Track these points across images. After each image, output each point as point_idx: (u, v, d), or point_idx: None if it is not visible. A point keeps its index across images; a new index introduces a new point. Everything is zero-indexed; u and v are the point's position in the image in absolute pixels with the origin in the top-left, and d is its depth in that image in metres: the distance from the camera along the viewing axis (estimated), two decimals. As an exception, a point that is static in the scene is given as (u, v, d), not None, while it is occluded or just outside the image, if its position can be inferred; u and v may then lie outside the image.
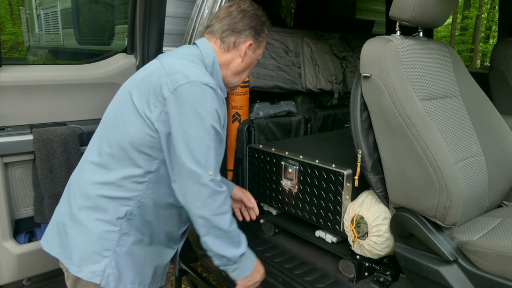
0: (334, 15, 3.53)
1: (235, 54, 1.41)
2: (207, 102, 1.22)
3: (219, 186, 1.27)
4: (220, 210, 1.27)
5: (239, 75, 1.47)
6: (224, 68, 1.42)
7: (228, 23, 1.38)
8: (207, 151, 1.23)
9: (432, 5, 1.44)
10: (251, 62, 1.47)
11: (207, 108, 1.22)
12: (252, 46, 1.42)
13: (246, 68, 1.46)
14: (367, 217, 1.55)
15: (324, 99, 2.72)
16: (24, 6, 5.48)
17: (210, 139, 1.23)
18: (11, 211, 1.77)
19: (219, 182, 1.27)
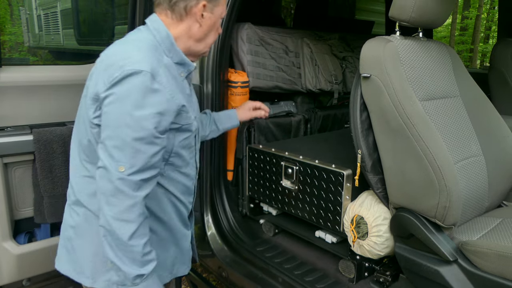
0: (334, 15, 3.53)
1: (190, 20, 1.29)
2: (139, 98, 1.12)
3: (132, 189, 1.13)
4: (122, 216, 1.13)
5: (203, 41, 1.35)
6: (184, 38, 1.31)
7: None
8: (126, 147, 1.12)
9: (431, 6, 1.44)
10: (213, 24, 1.34)
11: (140, 106, 1.12)
12: (207, 7, 1.28)
13: (209, 31, 1.34)
14: (367, 217, 1.55)
15: (324, 99, 2.72)
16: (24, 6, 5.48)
17: (136, 136, 1.12)
18: (11, 211, 1.77)
19: (135, 184, 1.14)
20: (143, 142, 1.13)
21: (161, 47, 1.26)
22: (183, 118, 1.28)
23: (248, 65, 2.18)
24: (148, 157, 1.15)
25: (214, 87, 1.99)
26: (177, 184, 1.40)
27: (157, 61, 1.19)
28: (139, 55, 1.16)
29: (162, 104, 1.16)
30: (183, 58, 1.31)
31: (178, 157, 1.34)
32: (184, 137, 1.32)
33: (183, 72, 1.33)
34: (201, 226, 2.10)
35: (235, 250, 2.01)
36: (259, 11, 3.14)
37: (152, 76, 1.13)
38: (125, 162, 1.12)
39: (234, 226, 2.11)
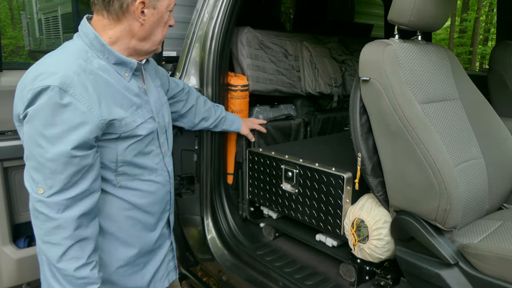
0: (333, 19, 3.54)
1: (130, 20, 1.19)
2: (48, 116, 1.06)
3: (54, 211, 1.08)
4: (46, 238, 1.10)
5: (149, 39, 1.26)
6: (126, 39, 1.22)
7: None
8: (41, 168, 1.08)
9: (430, 9, 1.45)
10: (157, 20, 1.24)
11: (51, 125, 1.07)
12: (147, 3, 1.19)
13: (154, 28, 1.25)
14: (368, 221, 1.55)
15: (323, 102, 2.72)
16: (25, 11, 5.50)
17: (49, 157, 1.07)
18: (11, 215, 1.77)
19: (57, 205, 1.08)
20: (59, 163, 1.07)
21: (92, 50, 1.19)
22: (117, 127, 1.19)
23: (248, 69, 2.19)
24: (68, 177, 1.09)
25: (214, 91, 1.99)
26: (141, 194, 1.32)
27: (79, 69, 1.12)
28: (52, 68, 1.10)
29: (75, 118, 1.08)
30: (119, 58, 1.22)
31: (131, 165, 1.27)
32: (129, 144, 1.24)
33: (126, 72, 1.25)
34: (201, 229, 2.10)
35: (235, 254, 2.00)
36: (259, 15, 3.16)
37: (62, 90, 1.06)
38: (43, 184, 1.08)
39: (234, 230, 2.11)
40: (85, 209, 1.14)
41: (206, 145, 2.01)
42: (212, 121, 1.90)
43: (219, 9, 1.96)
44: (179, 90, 1.76)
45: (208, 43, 1.96)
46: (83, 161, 1.11)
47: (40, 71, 1.10)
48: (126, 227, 1.32)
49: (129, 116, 1.23)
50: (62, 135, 1.08)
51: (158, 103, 1.39)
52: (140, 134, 1.26)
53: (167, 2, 1.25)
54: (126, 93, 1.24)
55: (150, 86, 1.37)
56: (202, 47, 1.98)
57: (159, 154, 1.37)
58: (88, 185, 1.14)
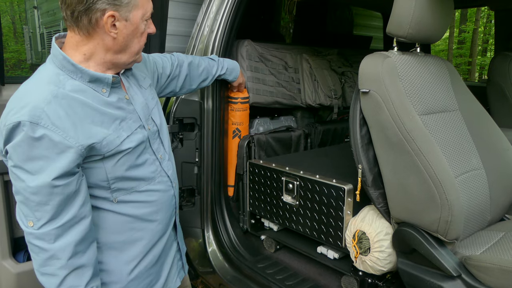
0: (333, 31, 3.58)
1: (101, 34, 1.14)
2: (25, 151, 1.05)
3: (46, 241, 1.08)
4: (42, 270, 1.11)
5: (126, 51, 1.21)
6: (101, 53, 1.17)
7: (71, 1, 1.10)
8: (27, 202, 1.08)
9: (428, 22, 1.46)
10: (132, 32, 1.18)
11: (28, 159, 1.05)
12: (118, 16, 1.13)
13: (129, 40, 1.19)
14: (369, 233, 1.54)
15: (323, 114, 2.73)
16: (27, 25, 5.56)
17: (31, 191, 1.06)
18: (11, 229, 1.76)
19: (48, 235, 1.08)
20: (42, 194, 1.06)
21: (64, 72, 1.14)
22: (99, 148, 1.15)
23: (248, 81, 2.20)
24: (55, 207, 1.08)
25: (214, 103, 2.01)
26: (141, 205, 1.30)
27: (50, 95, 1.08)
28: (22, 101, 1.07)
29: (52, 149, 1.06)
30: (93, 75, 1.16)
31: (125, 180, 1.24)
32: (117, 160, 1.20)
33: (104, 88, 1.19)
34: (202, 242, 2.09)
35: (236, 267, 1.99)
36: (259, 28, 3.19)
37: (33, 124, 1.03)
38: (32, 217, 1.08)
39: (235, 242, 2.10)
40: (77, 236, 1.12)
41: (206, 158, 2.02)
42: (210, 80, 1.89)
43: (220, 23, 1.98)
44: (169, 70, 1.68)
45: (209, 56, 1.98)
46: (66, 189, 1.09)
47: (12, 106, 1.08)
48: (132, 239, 1.30)
49: (112, 133, 1.18)
50: (41, 167, 1.06)
51: (146, 109, 1.33)
52: (128, 148, 1.22)
53: (141, 12, 1.18)
54: (106, 109, 1.19)
55: (135, 93, 1.32)
56: (203, 60, 1.99)
57: (154, 161, 1.33)
58: (76, 211, 1.12)
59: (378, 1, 3.06)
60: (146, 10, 1.20)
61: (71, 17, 1.12)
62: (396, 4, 1.45)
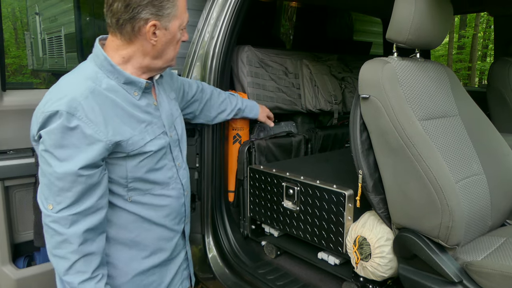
0: (333, 37, 3.59)
1: (142, 41, 1.23)
2: (58, 138, 1.12)
3: (61, 225, 1.14)
4: (54, 251, 1.17)
5: (162, 58, 1.29)
6: (139, 58, 1.26)
7: (118, 10, 1.18)
8: (51, 186, 1.15)
9: (427, 28, 1.47)
10: (169, 40, 1.27)
11: (60, 146, 1.13)
12: (158, 25, 1.21)
13: (166, 48, 1.28)
14: (370, 238, 1.54)
15: (324, 119, 2.73)
16: (29, 31, 5.59)
17: (57, 176, 1.13)
18: (11, 235, 1.76)
19: (65, 220, 1.14)
20: (67, 181, 1.13)
21: (102, 71, 1.23)
22: (124, 146, 1.22)
23: (248, 87, 2.21)
24: (75, 194, 1.15)
25: (214, 109, 2.01)
26: (152, 208, 1.35)
27: (87, 91, 1.16)
28: (62, 92, 1.16)
29: (82, 140, 1.14)
30: (128, 78, 1.25)
31: (142, 181, 1.30)
32: (139, 161, 1.27)
33: (136, 91, 1.28)
34: (202, 248, 2.08)
35: (237, 273, 1.98)
36: (259, 33, 3.20)
37: (69, 114, 1.11)
38: (52, 200, 1.15)
39: (236, 248, 2.09)
40: (91, 224, 1.18)
41: (207, 163, 2.02)
42: (228, 112, 1.94)
43: (220, 29, 1.99)
44: (193, 92, 1.79)
45: (209, 61, 1.99)
46: (90, 179, 1.16)
47: (51, 96, 1.16)
48: (139, 239, 1.35)
49: (137, 134, 1.25)
50: (70, 156, 1.13)
51: (170, 117, 1.41)
52: (150, 150, 1.29)
53: (179, 22, 1.26)
54: (135, 112, 1.27)
55: (163, 101, 1.40)
56: (203, 65, 2.01)
57: (172, 167, 1.40)
58: (94, 201, 1.18)
59: (377, 7, 3.07)
60: (183, 20, 1.29)
61: (116, 24, 1.21)
62: (396, 10, 1.46)
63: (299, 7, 3.45)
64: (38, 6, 4.99)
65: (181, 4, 1.26)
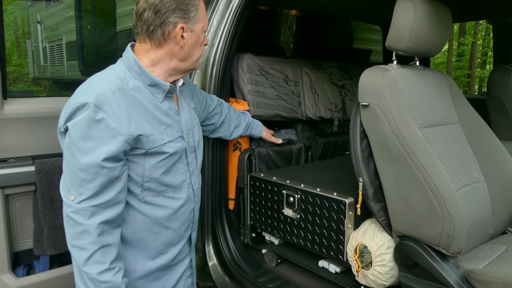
0: (333, 45, 3.61)
1: (171, 44, 1.31)
2: (84, 130, 1.17)
3: (82, 216, 1.18)
4: (74, 242, 1.20)
5: (189, 59, 1.37)
6: (167, 60, 1.34)
7: (148, 17, 1.27)
8: (74, 177, 1.19)
9: (427, 36, 1.48)
10: (195, 42, 1.35)
11: (85, 138, 1.18)
12: (185, 28, 1.30)
13: (193, 49, 1.36)
14: (371, 246, 1.53)
15: (324, 126, 2.74)
16: (30, 39, 5.62)
17: (81, 167, 1.17)
18: (11, 243, 1.76)
19: (85, 210, 1.18)
20: (90, 172, 1.17)
21: (130, 72, 1.30)
22: (145, 142, 1.28)
23: (248, 94, 2.21)
24: (97, 186, 1.19)
25: (215, 116, 2.01)
26: (163, 210, 1.39)
27: (115, 87, 1.23)
28: (91, 86, 1.23)
29: (106, 133, 1.19)
30: (154, 80, 1.32)
31: (158, 182, 1.35)
32: (158, 161, 1.32)
33: (159, 94, 1.35)
34: (203, 256, 2.07)
35: (237, 281, 1.97)
36: (259, 41, 3.21)
37: (96, 107, 1.18)
38: (75, 191, 1.19)
39: (236, 256, 2.09)
40: (109, 217, 1.22)
41: (207, 170, 2.01)
42: (243, 127, 2.01)
43: (220, 37, 2.00)
44: (214, 105, 1.85)
45: (210, 69, 2.00)
46: (111, 172, 1.20)
47: (81, 90, 1.24)
48: (146, 240, 1.38)
49: (156, 133, 1.31)
50: (94, 147, 1.18)
51: (189, 124, 1.47)
52: (167, 152, 1.34)
53: (202, 24, 1.35)
54: (156, 113, 1.33)
55: (183, 107, 1.47)
56: (204, 73, 2.01)
57: (186, 172, 1.44)
58: (114, 194, 1.22)
59: (377, 15, 3.09)
60: (205, 23, 1.38)
61: (146, 31, 1.29)
62: (395, 18, 1.47)
63: (299, 15, 3.47)
64: (40, 15, 5.02)
65: (202, 8, 1.35)
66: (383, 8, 2.09)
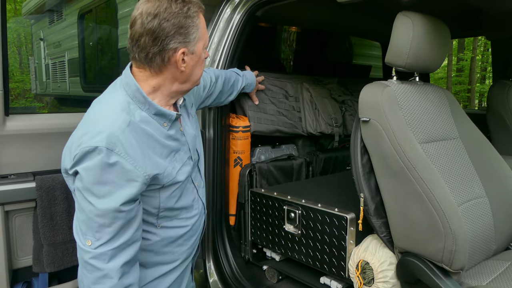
0: (333, 60, 3.64)
1: (171, 69, 1.23)
2: (97, 175, 1.11)
3: (101, 261, 1.13)
4: (94, 287, 1.14)
5: (190, 80, 1.29)
6: (168, 85, 1.26)
7: (146, 44, 1.17)
8: (90, 222, 1.13)
9: (426, 52, 1.49)
10: (196, 62, 1.27)
11: (100, 183, 1.11)
12: (186, 52, 1.21)
13: (193, 70, 1.27)
14: (373, 263, 1.52)
15: (325, 142, 2.74)
16: (33, 56, 5.69)
17: (98, 213, 1.12)
18: (10, 260, 1.74)
19: (104, 255, 1.13)
20: (107, 217, 1.12)
21: (134, 102, 1.22)
22: (161, 179, 1.23)
23: (249, 110, 2.22)
24: (115, 230, 1.14)
25: (215, 132, 2.02)
26: (178, 230, 1.38)
27: (124, 124, 1.15)
28: (98, 126, 1.14)
29: (122, 176, 1.13)
30: (159, 110, 1.25)
31: (172, 209, 1.32)
32: (173, 191, 1.29)
33: (165, 122, 1.28)
34: (203, 272, 2.05)
35: (238, 298, 1.95)
36: (259, 57, 3.24)
37: (109, 150, 1.10)
38: (91, 236, 1.13)
39: (237, 273, 2.06)
40: (128, 257, 1.17)
41: (208, 186, 2.01)
42: (235, 93, 1.99)
43: (221, 53, 2.02)
44: (208, 88, 1.76)
45: (210, 85, 2.01)
46: (129, 214, 1.16)
47: (87, 129, 1.15)
48: (162, 261, 1.36)
49: (168, 164, 1.26)
50: (110, 192, 1.12)
51: (193, 139, 1.43)
52: (180, 180, 1.30)
53: (202, 42, 1.27)
54: (166, 141, 1.27)
55: (186, 125, 1.41)
56: (205, 89, 2.02)
57: (193, 189, 1.41)
58: (131, 235, 1.18)
59: (376, 31, 3.12)
60: (206, 39, 1.29)
61: (145, 59, 1.19)
62: (394, 35, 1.49)
63: (299, 32, 3.52)
64: (43, 32, 5.09)
65: (202, 24, 1.25)
66: (382, 25, 2.11)
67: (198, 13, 1.22)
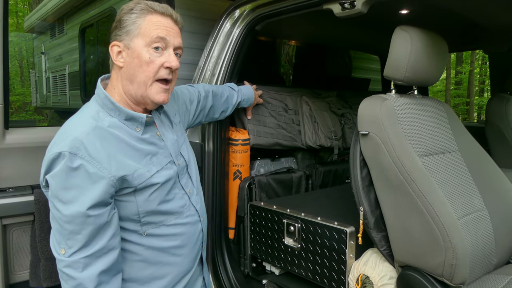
0: (332, 74, 3.66)
1: (115, 66, 1.28)
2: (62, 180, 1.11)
3: (74, 269, 1.11)
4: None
5: (134, 81, 1.24)
6: (119, 84, 1.27)
7: None
8: (61, 230, 1.13)
9: (424, 65, 1.51)
10: (137, 60, 1.23)
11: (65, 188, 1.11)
12: (121, 46, 1.24)
13: (135, 69, 1.23)
14: (373, 277, 1.50)
15: (324, 155, 2.74)
16: (34, 69, 5.73)
17: (65, 219, 1.11)
18: (6, 275, 1.72)
19: (77, 263, 1.11)
20: (76, 223, 1.11)
21: (104, 110, 1.24)
22: (131, 180, 1.20)
23: (248, 123, 2.23)
24: (86, 236, 1.12)
25: (215, 145, 2.02)
26: (167, 239, 1.32)
27: (89, 128, 1.17)
28: (64, 134, 1.16)
29: (87, 180, 1.12)
30: (129, 114, 1.25)
31: (155, 214, 1.27)
32: (150, 193, 1.25)
33: (138, 126, 1.27)
34: (202, 287, 2.03)
35: (237, 313, 1.93)
36: (259, 71, 3.27)
37: (72, 154, 1.10)
38: (64, 245, 1.13)
39: (236, 287, 2.04)
40: (104, 266, 1.15)
41: (207, 199, 2.00)
42: (231, 109, 2.00)
43: (221, 66, 2.04)
44: (196, 103, 1.76)
45: (210, 99, 2.02)
46: (99, 219, 1.13)
47: (56, 138, 1.18)
48: (157, 275, 1.31)
49: (142, 167, 1.23)
50: (76, 197, 1.11)
51: (176, 145, 1.40)
52: (157, 182, 1.26)
53: (142, 40, 1.22)
54: (139, 145, 1.26)
55: (166, 130, 1.39)
56: (204, 103, 2.03)
57: (183, 195, 1.37)
58: (106, 242, 1.15)
59: (375, 45, 3.15)
60: (149, 39, 1.22)
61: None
62: (393, 49, 1.50)
63: (298, 45, 3.55)
64: (44, 46, 5.14)
65: (145, 23, 1.22)
66: (381, 39, 2.13)
67: (144, 11, 1.24)
